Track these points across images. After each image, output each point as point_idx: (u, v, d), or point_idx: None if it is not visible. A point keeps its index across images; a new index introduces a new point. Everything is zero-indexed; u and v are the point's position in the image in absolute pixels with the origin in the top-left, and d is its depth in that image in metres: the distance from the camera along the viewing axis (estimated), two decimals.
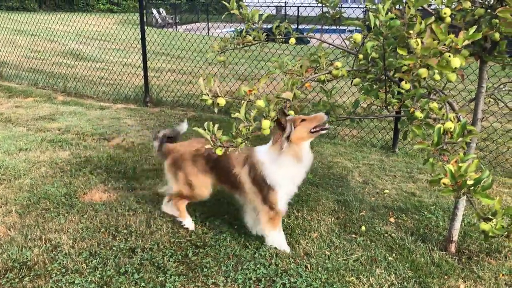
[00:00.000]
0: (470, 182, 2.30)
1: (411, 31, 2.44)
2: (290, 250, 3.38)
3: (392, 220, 3.93)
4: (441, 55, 2.36)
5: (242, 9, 3.23)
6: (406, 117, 2.80)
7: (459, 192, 2.34)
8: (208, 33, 22.11)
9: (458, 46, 2.34)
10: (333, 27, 3.49)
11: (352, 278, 3.07)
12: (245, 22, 3.29)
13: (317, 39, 3.50)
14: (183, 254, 3.29)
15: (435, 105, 2.60)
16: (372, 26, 2.50)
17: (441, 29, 2.35)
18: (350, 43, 3.20)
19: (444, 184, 2.34)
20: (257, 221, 3.40)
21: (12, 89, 8.93)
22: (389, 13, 2.47)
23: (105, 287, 2.91)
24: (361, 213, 4.03)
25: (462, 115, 2.81)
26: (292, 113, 3.12)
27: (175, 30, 20.29)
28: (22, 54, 11.69)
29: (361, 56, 2.95)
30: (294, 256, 3.30)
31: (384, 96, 2.97)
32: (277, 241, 3.38)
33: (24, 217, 3.75)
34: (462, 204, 3.36)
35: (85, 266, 3.10)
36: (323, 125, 3.17)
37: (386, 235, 3.65)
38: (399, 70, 2.62)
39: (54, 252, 3.25)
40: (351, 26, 3.03)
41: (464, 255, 3.39)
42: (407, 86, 2.57)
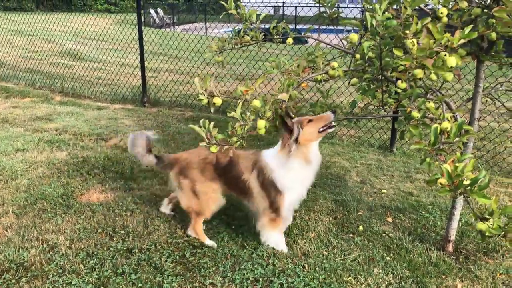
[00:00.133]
0: (467, 182, 2.31)
1: (407, 31, 2.45)
2: (288, 250, 3.37)
3: (390, 220, 3.93)
4: (437, 55, 2.36)
5: (240, 9, 3.23)
6: (403, 117, 2.80)
7: (456, 192, 2.34)
8: (206, 33, 22.10)
9: (454, 45, 2.34)
10: (331, 27, 3.49)
11: (350, 278, 3.07)
12: (243, 22, 3.28)
13: (315, 39, 3.50)
14: (181, 255, 3.29)
15: (432, 105, 2.60)
16: (369, 26, 2.50)
17: (437, 28, 2.35)
18: (347, 43, 3.20)
19: (441, 184, 2.35)
20: (259, 222, 3.36)
21: (9, 90, 8.91)
22: (386, 13, 2.47)
23: None
24: (359, 213, 4.03)
25: (459, 115, 2.82)
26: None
27: (173, 30, 20.29)
28: (20, 54, 11.66)
29: (358, 56, 2.95)
30: (292, 256, 3.30)
31: (381, 96, 2.98)
32: (275, 241, 3.36)
33: (21, 218, 3.74)
34: (460, 204, 3.37)
35: (82, 267, 3.09)
36: (330, 124, 3.14)
37: (384, 235, 3.65)
38: (396, 70, 2.62)
39: (51, 253, 3.25)
40: (349, 26, 3.03)
41: (462, 255, 3.40)
42: (403, 85, 2.57)
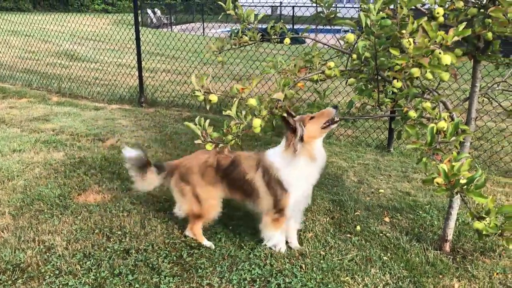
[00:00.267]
0: (463, 181, 2.31)
1: (404, 31, 2.45)
2: (285, 251, 3.37)
3: (387, 220, 3.93)
4: (432, 53, 2.37)
5: (238, 10, 3.23)
6: (400, 117, 2.80)
7: (453, 191, 2.34)
8: (203, 33, 22.08)
9: (448, 43, 2.34)
10: (328, 27, 3.48)
11: (347, 278, 3.07)
12: (241, 22, 3.28)
13: (312, 39, 3.50)
14: (178, 255, 3.28)
15: (429, 105, 2.60)
16: (363, 26, 2.50)
17: (432, 26, 2.35)
18: (344, 43, 3.20)
19: (438, 183, 2.35)
20: (262, 221, 3.33)
21: (6, 90, 8.88)
22: (380, 13, 2.47)
23: None
24: (356, 213, 4.03)
25: (456, 114, 2.82)
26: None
27: (170, 30, 20.26)
28: (16, 55, 11.63)
29: (355, 56, 2.95)
30: (289, 256, 3.30)
31: (377, 96, 2.98)
32: (276, 241, 3.34)
33: (18, 219, 3.73)
34: (457, 204, 3.37)
35: (79, 268, 3.08)
36: (332, 120, 3.12)
37: (381, 235, 3.65)
38: (392, 69, 2.62)
39: (48, 254, 3.24)
40: (346, 26, 3.03)
41: (459, 254, 3.40)
42: (399, 85, 2.58)
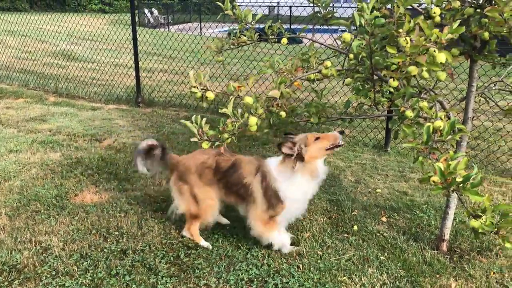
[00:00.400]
0: (459, 179, 2.31)
1: (401, 30, 2.45)
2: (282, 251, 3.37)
3: (384, 219, 3.93)
4: (428, 51, 2.37)
5: (236, 10, 3.23)
6: (397, 117, 2.80)
7: (449, 190, 2.34)
8: (201, 33, 22.06)
9: (443, 41, 2.35)
10: (325, 27, 3.49)
11: (344, 278, 3.07)
12: (239, 23, 3.28)
13: (309, 39, 3.50)
14: (175, 256, 3.27)
15: (425, 104, 2.61)
16: (358, 25, 2.50)
17: (427, 24, 2.36)
18: (341, 43, 3.20)
19: (434, 182, 2.35)
20: (253, 228, 3.29)
21: (3, 90, 8.85)
22: (374, 12, 2.48)
23: None
24: (353, 213, 4.03)
25: (453, 114, 2.82)
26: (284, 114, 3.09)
27: (167, 30, 20.23)
28: (13, 55, 11.60)
29: (352, 56, 2.95)
30: (286, 257, 3.30)
31: (373, 95, 2.98)
32: (280, 243, 3.29)
33: (14, 220, 3.72)
34: (454, 203, 3.37)
35: (76, 269, 3.08)
36: (337, 144, 3.15)
37: (378, 235, 3.65)
38: (388, 69, 2.62)
39: (44, 255, 3.22)
40: (343, 26, 3.03)
41: (456, 254, 3.41)
42: (395, 84, 2.58)
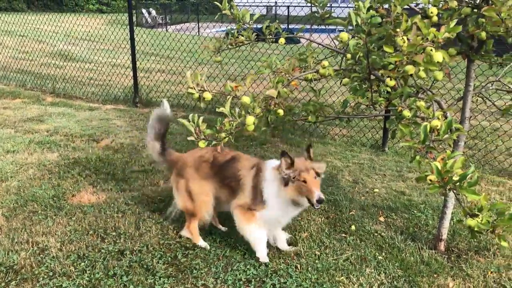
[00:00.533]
0: (456, 178, 2.32)
1: (398, 29, 2.45)
2: (279, 251, 3.36)
3: (382, 219, 3.93)
4: (425, 51, 2.37)
5: (234, 10, 3.22)
6: (395, 116, 2.80)
7: (445, 188, 2.35)
8: (198, 33, 22.05)
9: (440, 40, 2.35)
10: (323, 27, 3.48)
11: (342, 278, 3.07)
12: (236, 22, 3.28)
13: (307, 39, 3.50)
14: (173, 256, 3.27)
15: (423, 104, 2.61)
16: (354, 24, 2.50)
17: (425, 23, 2.36)
18: (339, 43, 3.20)
19: (431, 181, 2.35)
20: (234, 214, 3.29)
21: (0, 90, 8.82)
22: (370, 11, 2.48)
23: None
24: (351, 212, 4.03)
25: (450, 114, 2.83)
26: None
27: (165, 30, 20.22)
28: (10, 55, 11.56)
29: (349, 56, 2.95)
30: (284, 257, 3.30)
31: (371, 95, 2.98)
32: (253, 237, 3.23)
33: (11, 220, 3.70)
34: (451, 203, 3.38)
35: (73, 269, 3.07)
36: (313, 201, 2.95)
37: (376, 234, 3.65)
38: (386, 68, 2.62)
39: (42, 255, 3.21)
40: (341, 26, 3.03)
41: (453, 254, 3.41)
42: (392, 83, 2.58)
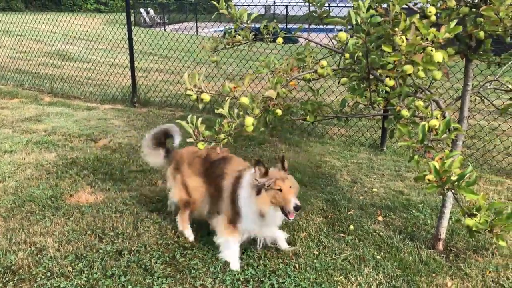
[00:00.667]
0: (454, 178, 2.31)
1: (396, 29, 2.45)
2: (278, 251, 3.36)
3: (380, 219, 3.93)
4: (424, 50, 2.37)
5: (231, 9, 3.21)
6: (393, 116, 2.80)
7: (444, 188, 2.35)
8: (197, 33, 22.04)
9: (440, 40, 2.35)
10: (321, 26, 3.48)
11: (341, 278, 3.06)
12: (234, 22, 3.27)
13: (305, 39, 3.50)
14: (171, 256, 3.26)
15: (421, 103, 2.61)
16: (354, 24, 2.50)
17: (424, 24, 2.36)
18: (337, 42, 3.20)
19: (429, 180, 2.35)
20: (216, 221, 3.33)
21: None
22: (370, 10, 2.48)
23: None
24: (350, 212, 4.03)
25: (449, 113, 2.82)
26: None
27: (163, 30, 20.18)
28: (8, 55, 11.53)
29: (348, 55, 2.95)
30: (283, 256, 3.29)
31: (369, 95, 2.98)
32: (227, 251, 3.20)
33: (9, 220, 3.69)
34: (450, 202, 3.37)
35: (71, 270, 3.06)
36: (287, 210, 2.91)
37: (375, 234, 3.65)
38: (384, 68, 2.62)
39: (39, 256, 3.20)
40: (339, 25, 3.02)
41: (452, 253, 3.41)
42: (391, 83, 2.58)
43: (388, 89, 2.77)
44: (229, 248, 3.18)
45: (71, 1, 32.80)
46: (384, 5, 2.76)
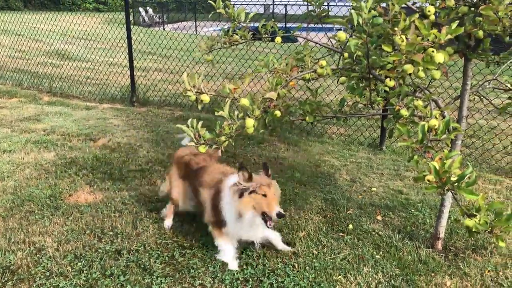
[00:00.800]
0: (454, 178, 2.31)
1: (396, 28, 2.45)
2: (277, 251, 3.36)
3: (379, 218, 3.93)
4: (425, 51, 2.37)
5: (228, 9, 3.21)
6: (392, 115, 2.80)
7: (444, 189, 2.35)
8: (196, 32, 22.03)
9: (442, 41, 2.35)
10: (320, 25, 3.48)
11: (340, 277, 3.07)
12: (231, 21, 3.27)
13: (304, 38, 3.49)
14: (170, 255, 3.26)
15: (420, 103, 2.61)
16: (355, 24, 2.49)
17: (424, 25, 2.36)
18: (336, 42, 3.20)
19: (429, 181, 2.35)
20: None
21: None
22: (372, 11, 2.47)
23: None
24: (349, 211, 4.03)
25: (448, 113, 2.82)
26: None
27: (162, 29, 20.17)
28: (7, 54, 11.52)
29: (346, 55, 2.95)
30: (282, 256, 3.29)
31: (369, 95, 2.97)
32: (222, 252, 3.23)
33: (8, 220, 3.69)
34: (449, 202, 3.38)
35: (70, 269, 3.06)
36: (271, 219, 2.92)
37: (373, 233, 3.65)
38: (384, 68, 2.62)
39: (38, 255, 3.20)
40: (338, 25, 3.02)
41: (451, 252, 3.41)
42: (392, 83, 2.58)
43: (387, 89, 2.77)
44: (224, 250, 3.22)
45: (70, 0, 32.78)
46: (383, 4, 2.76)
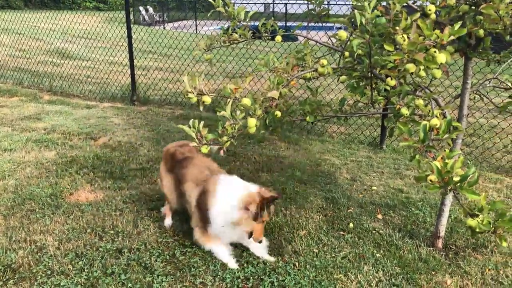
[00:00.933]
0: (457, 179, 2.31)
1: (397, 27, 2.45)
2: (278, 250, 3.36)
3: (380, 217, 3.94)
4: (427, 51, 2.37)
5: (228, 7, 3.21)
6: (393, 114, 2.80)
7: (446, 189, 2.35)
8: (196, 31, 22.02)
9: (444, 42, 2.35)
10: (320, 24, 3.48)
11: (340, 276, 3.07)
12: (231, 20, 3.27)
13: (304, 37, 3.49)
14: (171, 254, 3.27)
15: (421, 102, 2.61)
16: (358, 24, 2.49)
17: (427, 25, 2.35)
18: (336, 41, 3.19)
19: (431, 181, 2.35)
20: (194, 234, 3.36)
21: None
22: (375, 11, 2.47)
23: None
24: (349, 210, 4.03)
25: (448, 111, 2.83)
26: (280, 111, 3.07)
27: (162, 28, 20.17)
28: (7, 53, 11.52)
29: (347, 54, 2.95)
30: (282, 254, 3.30)
31: (370, 94, 2.98)
32: (217, 254, 3.24)
33: (9, 219, 3.69)
34: (449, 200, 3.38)
35: (71, 268, 3.06)
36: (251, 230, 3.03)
37: (374, 232, 3.66)
38: (385, 67, 2.62)
39: (39, 254, 3.21)
40: (338, 24, 3.02)
41: (451, 251, 3.42)
42: (393, 83, 2.58)
43: (388, 88, 2.77)
44: (217, 252, 3.23)
45: None
46: (384, 3, 2.76)
